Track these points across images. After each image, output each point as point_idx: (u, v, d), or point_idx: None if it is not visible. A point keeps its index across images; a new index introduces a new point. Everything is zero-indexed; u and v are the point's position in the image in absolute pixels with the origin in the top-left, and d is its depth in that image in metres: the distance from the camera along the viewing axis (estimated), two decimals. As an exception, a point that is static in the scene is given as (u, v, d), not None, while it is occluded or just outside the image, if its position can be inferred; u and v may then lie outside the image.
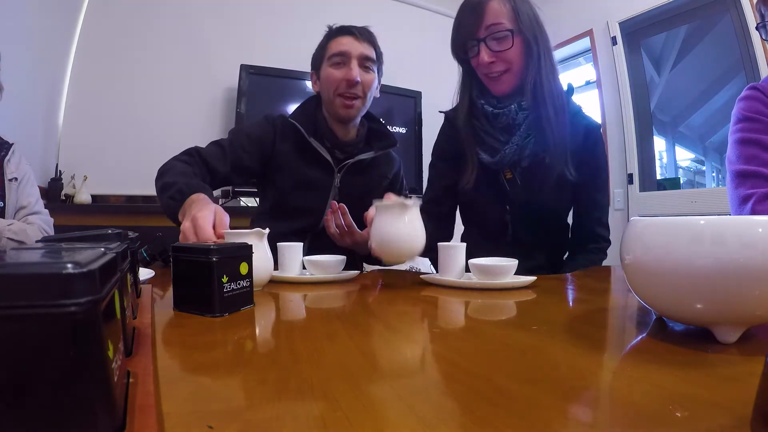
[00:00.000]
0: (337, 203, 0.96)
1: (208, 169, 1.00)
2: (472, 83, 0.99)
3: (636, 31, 2.72)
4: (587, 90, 3.05)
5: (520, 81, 0.94)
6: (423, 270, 0.73)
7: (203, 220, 0.67)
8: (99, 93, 2.26)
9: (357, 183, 1.12)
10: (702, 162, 2.77)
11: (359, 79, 1.03)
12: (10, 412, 0.16)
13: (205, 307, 0.50)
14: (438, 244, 0.75)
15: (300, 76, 2.44)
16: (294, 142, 1.08)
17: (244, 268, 0.53)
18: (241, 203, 2.41)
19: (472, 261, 0.72)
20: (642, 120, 2.71)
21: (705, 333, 0.39)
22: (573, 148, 0.95)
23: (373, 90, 1.10)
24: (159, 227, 1.05)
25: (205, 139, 1.10)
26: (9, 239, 1.11)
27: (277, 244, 0.78)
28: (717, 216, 0.35)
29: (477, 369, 0.33)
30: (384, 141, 1.16)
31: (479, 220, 1.06)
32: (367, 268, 1.09)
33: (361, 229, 0.95)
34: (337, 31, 1.08)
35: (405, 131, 2.81)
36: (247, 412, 0.26)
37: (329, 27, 1.11)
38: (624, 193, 2.71)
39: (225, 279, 0.50)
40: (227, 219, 0.70)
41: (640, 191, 2.67)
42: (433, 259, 0.73)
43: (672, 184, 2.68)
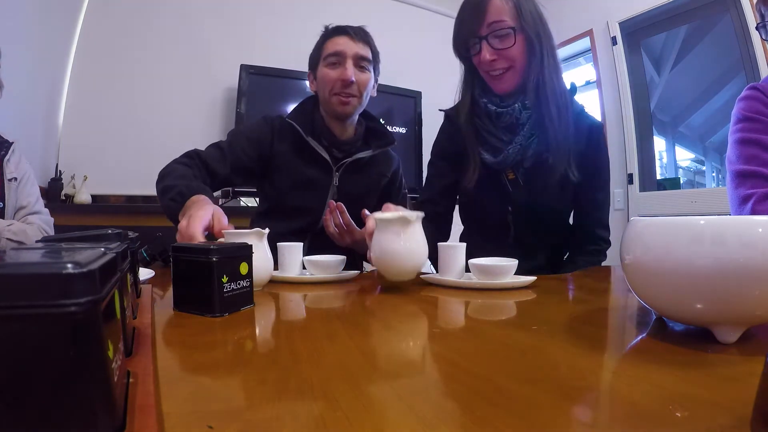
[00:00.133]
0: (336, 202, 0.96)
1: (208, 172, 1.00)
2: (474, 81, 0.98)
3: (636, 31, 2.72)
4: (587, 90, 3.05)
5: (522, 79, 0.92)
6: (423, 270, 0.72)
7: (195, 219, 0.68)
8: (99, 93, 2.26)
9: (356, 182, 1.12)
10: (702, 162, 2.77)
11: (354, 79, 1.04)
12: (10, 412, 0.16)
13: (205, 307, 0.50)
14: (438, 244, 0.75)
15: (300, 76, 2.44)
16: (292, 142, 1.09)
17: (244, 268, 0.53)
18: (241, 203, 2.40)
19: (472, 261, 0.71)
20: (642, 120, 2.71)
21: (705, 333, 0.39)
22: (576, 148, 0.94)
23: (369, 89, 1.10)
24: (159, 227, 1.05)
25: (205, 139, 1.10)
26: (8, 240, 1.10)
27: (277, 244, 0.78)
28: (717, 216, 0.35)
29: (477, 369, 0.33)
30: (382, 140, 1.16)
31: (480, 220, 1.05)
32: (367, 268, 1.09)
33: (360, 228, 0.96)
34: (333, 32, 1.08)
35: (405, 131, 2.81)
36: (247, 412, 0.26)
37: (325, 27, 1.11)
38: (624, 193, 2.71)
39: (225, 279, 0.50)
40: (225, 220, 0.71)
41: (640, 191, 2.67)
42: (433, 259, 0.73)
43: (672, 184, 2.68)
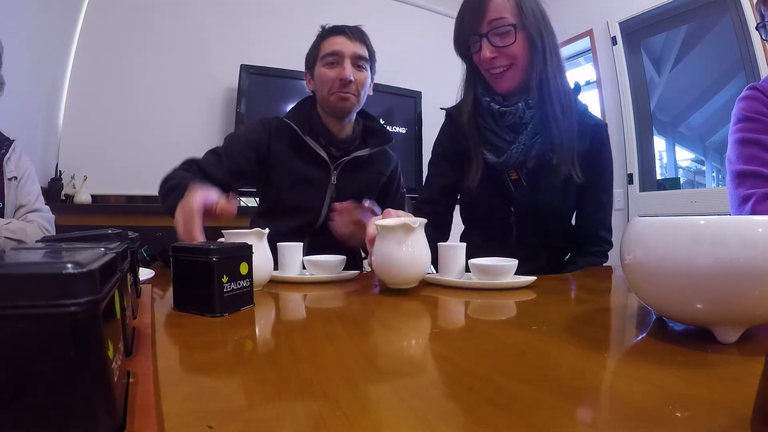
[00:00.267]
0: (336, 201, 0.98)
1: (205, 177, 1.01)
2: (476, 80, 0.97)
3: (636, 31, 2.72)
4: (587, 90, 3.05)
5: (525, 78, 0.91)
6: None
7: (188, 203, 0.71)
8: (99, 93, 2.26)
9: (354, 180, 1.12)
10: (702, 162, 2.77)
11: (352, 78, 1.05)
12: (10, 412, 0.16)
13: (205, 307, 0.50)
14: (438, 244, 0.75)
15: (300, 76, 2.41)
16: (289, 141, 1.09)
17: (244, 268, 0.53)
18: (241, 203, 2.41)
19: (472, 261, 0.71)
20: (642, 120, 2.71)
21: (705, 333, 0.39)
22: (580, 148, 0.92)
23: (367, 88, 1.11)
24: (159, 227, 1.05)
25: (205, 139, 1.10)
26: (7, 238, 1.09)
27: (277, 244, 0.78)
28: (717, 216, 0.35)
29: (477, 369, 0.33)
30: (380, 138, 1.17)
31: (482, 221, 1.04)
32: (367, 268, 1.09)
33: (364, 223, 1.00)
34: (330, 31, 1.09)
35: (405, 131, 2.81)
36: (247, 412, 0.26)
37: (322, 27, 1.12)
38: (624, 193, 2.71)
39: (225, 279, 0.50)
40: (215, 196, 0.75)
41: (640, 191, 2.67)
42: (433, 259, 0.73)
43: (672, 184, 2.68)
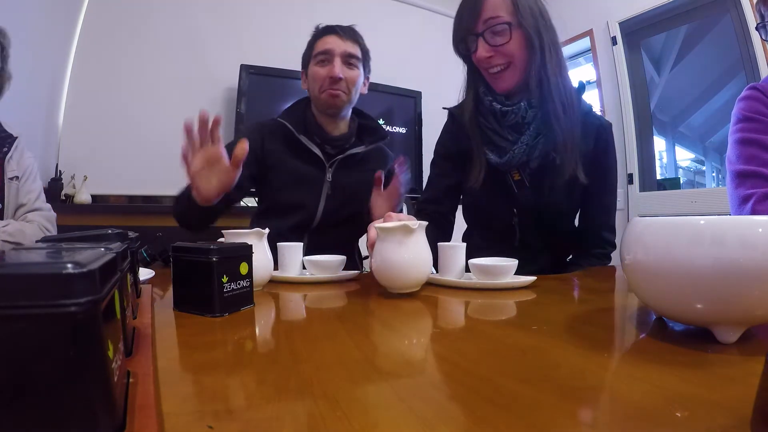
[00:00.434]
0: (331, 199, 1.05)
1: None
2: (477, 80, 0.97)
3: (636, 31, 2.72)
4: (587, 90, 3.05)
5: (524, 77, 0.90)
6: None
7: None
8: (99, 93, 2.26)
9: (349, 178, 1.13)
10: (702, 162, 2.77)
11: (342, 76, 1.07)
12: (10, 412, 0.16)
13: (205, 307, 0.50)
14: (438, 244, 0.75)
15: (300, 76, 2.44)
16: (284, 141, 1.11)
17: (244, 268, 0.53)
18: (242, 203, 2.40)
19: (472, 261, 0.71)
20: (642, 120, 2.71)
21: (705, 333, 0.39)
22: (584, 149, 0.92)
23: (359, 86, 1.13)
24: (159, 227, 1.05)
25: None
26: (4, 242, 1.06)
27: (277, 244, 0.78)
28: (717, 216, 0.35)
29: (477, 369, 0.33)
30: (375, 135, 1.18)
31: (484, 221, 1.04)
32: (367, 267, 1.09)
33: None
34: (323, 31, 1.12)
35: (405, 131, 2.81)
36: (247, 412, 0.26)
37: (316, 27, 1.14)
38: (624, 193, 2.71)
39: (225, 279, 0.50)
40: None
41: (640, 191, 2.67)
42: (433, 260, 0.73)
43: (672, 184, 2.68)
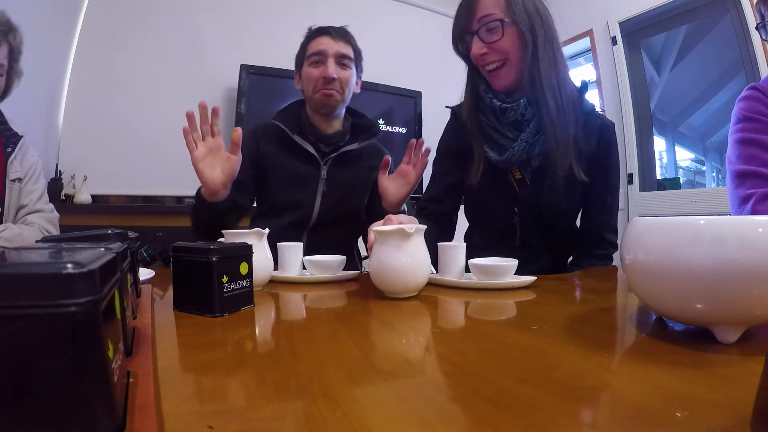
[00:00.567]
0: (327, 196, 1.09)
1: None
2: (477, 78, 0.97)
3: (636, 31, 2.72)
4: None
5: (521, 75, 0.90)
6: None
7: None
8: (99, 93, 2.26)
9: (344, 175, 1.15)
10: (702, 162, 2.77)
11: (336, 76, 1.08)
12: (10, 412, 0.16)
13: (205, 307, 0.50)
14: (438, 244, 0.75)
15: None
16: (278, 141, 1.14)
17: (244, 268, 0.53)
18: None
19: (472, 261, 0.71)
20: (642, 120, 2.71)
21: (705, 333, 0.39)
22: (586, 148, 0.92)
23: (352, 85, 1.15)
24: (159, 227, 1.05)
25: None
26: (2, 248, 1.03)
27: (277, 244, 0.78)
28: (717, 216, 0.35)
29: (477, 369, 0.33)
30: (368, 132, 1.19)
31: (485, 221, 1.04)
32: (367, 267, 1.09)
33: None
34: (316, 32, 1.13)
35: (405, 131, 2.81)
36: (247, 412, 0.26)
37: (309, 28, 1.16)
38: (624, 193, 2.71)
39: (225, 279, 0.50)
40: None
41: (640, 191, 2.67)
42: (433, 259, 0.73)
43: (672, 184, 2.68)
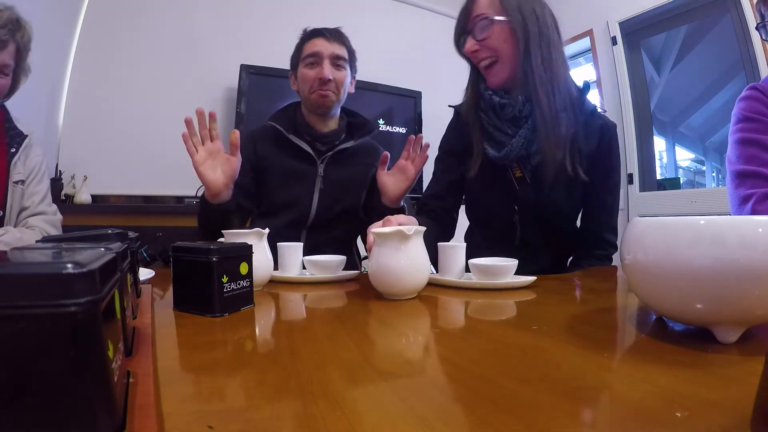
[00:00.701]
0: (324, 194, 1.10)
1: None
2: (478, 77, 0.98)
3: (636, 31, 2.72)
4: (587, 90, 3.05)
5: (514, 72, 0.91)
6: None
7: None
8: (99, 93, 2.26)
9: (341, 173, 1.17)
10: (702, 162, 2.77)
11: (331, 77, 1.10)
12: (9, 412, 0.16)
13: (205, 307, 0.50)
14: (438, 243, 0.75)
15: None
16: (275, 142, 1.15)
17: (244, 268, 0.53)
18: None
19: (472, 261, 0.71)
20: (642, 120, 2.71)
21: (705, 333, 0.39)
22: (587, 148, 0.92)
23: (347, 86, 1.16)
24: (159, 227, 1.05)
25: (205, 139, 1.10)
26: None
27: (277, 244, 0.78)
28: (717, 216, 0.35)
29: (477, 369, 0.33)
30: (362, 130, 1.21)
31: (486, 220, 1.04)
32: (367, 267, 1.09)
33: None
34: (310, 34, 1.14)
35: (405, 131, 2.80)
36: (247, 412, 0.26)
37: (304, 30, 1.17)
38: (624, 193, 2.71)
39: (225, 279, 0.50)
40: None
41: (640, 191, 2.67)
42: (433, 259, 0.73)
43: (672, 184, 2.68)
